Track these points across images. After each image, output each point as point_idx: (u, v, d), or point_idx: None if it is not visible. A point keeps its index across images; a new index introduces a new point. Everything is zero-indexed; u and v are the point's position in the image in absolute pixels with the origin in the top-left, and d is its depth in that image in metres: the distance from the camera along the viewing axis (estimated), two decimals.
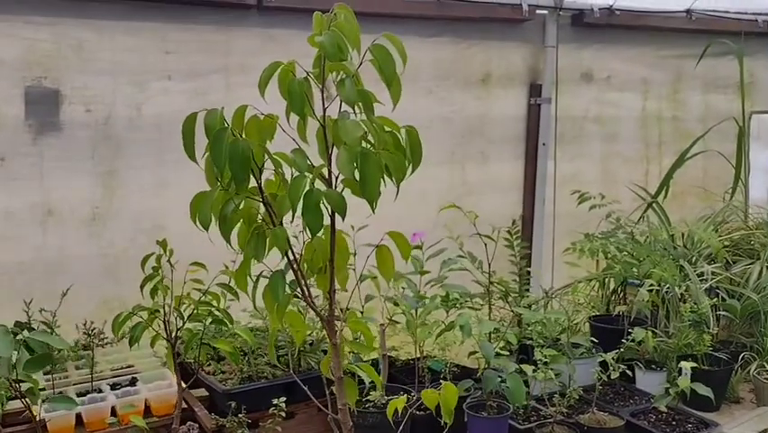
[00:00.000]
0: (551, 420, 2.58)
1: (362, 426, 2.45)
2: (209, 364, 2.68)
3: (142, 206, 3.11)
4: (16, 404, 2.49)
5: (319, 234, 1.53)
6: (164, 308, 2.17)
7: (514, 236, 3.62)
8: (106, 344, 2.92)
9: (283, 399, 2.32)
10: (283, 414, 2.30)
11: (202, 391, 2.72)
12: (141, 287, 2.20)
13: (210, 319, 2.18)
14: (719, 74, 4.57)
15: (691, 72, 4.40)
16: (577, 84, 4.13)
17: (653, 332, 3.02)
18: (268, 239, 1.49)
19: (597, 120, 4.26)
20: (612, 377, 2.63)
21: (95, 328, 2.83)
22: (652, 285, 3.06)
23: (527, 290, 3.64)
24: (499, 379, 2.57)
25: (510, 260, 3.71)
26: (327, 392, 1.67)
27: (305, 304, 2.71)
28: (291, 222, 1.45)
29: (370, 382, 2.64)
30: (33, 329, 2.09)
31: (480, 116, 3.88)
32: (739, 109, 4.22)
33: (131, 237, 3.11)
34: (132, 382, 2.64)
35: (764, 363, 3.13)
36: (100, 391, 2.55)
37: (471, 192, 3.91)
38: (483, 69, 3.84)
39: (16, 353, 1.70)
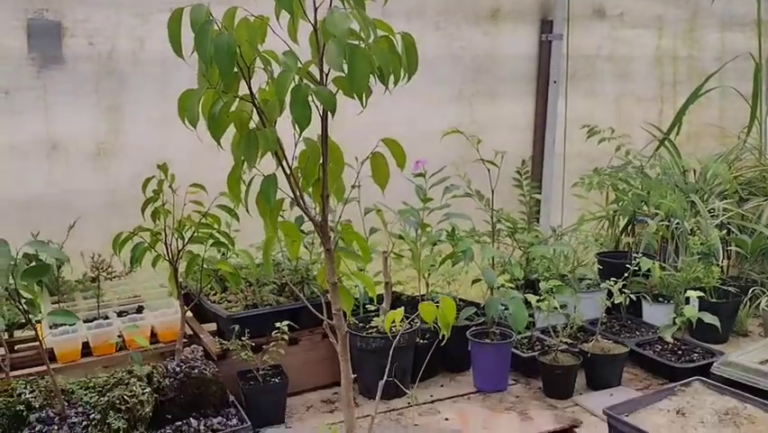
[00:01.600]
0: (554, 349, 2.58)
1: (366, 350, 2.47)
2: (215, 294, 2.70)
3: (147, 141, 3.10)
4: (24, 334, 2.56)
5: (314, 140, 1.52)
6: (165, 230, 2.18)
7: (523, 176, 3.58)
8: (114, 277, 2.95)
9: (286, 322, 2.33)
10: (286, 337, 2.31)
11: (212, 327, 2.75)
12: (143, 210, 2.20)
13: (211, 242, 2.18)
14: (737, 11, 4.43)
15: (708, 9, 4.27)
16: (589, 20, 4.02)
17: (661, 266, 2.99)
18: (260, 145, 1.47)
19: (610, 58, 4.15)
20: (616, 302, 2.60)
21: (102, 261, 2.86)
22: (661, 218, 3.02)
23: (536, 228, 3.62)
24: (503, 307, 2.57)
25: (519, 200, 3.69)
26: (323, 300, 1.67)
27: (310, 240, 2.74)
28: (280, 116, 1.42)
29: (372, 308, 2.67)
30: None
31: (490, 53, 3.80)
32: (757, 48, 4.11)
33: (137, 173, 3.09)
34: (139, 310, 2.67)
35: None
36: (107, 318, 2.58)
37: (481, 131, 3.82)
38: (493, 2, 3.74)
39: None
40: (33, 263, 1.68)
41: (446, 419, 2.36)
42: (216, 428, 2.05)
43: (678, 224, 3.18)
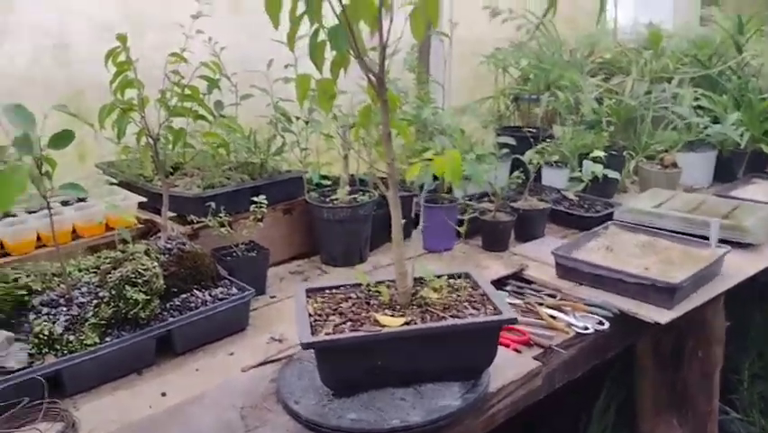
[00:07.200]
0: (491, 210, 2.86)
1: (332, 221, 2.57)
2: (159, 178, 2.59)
3: (43, 20, 2.80)
4: None
5: None
6: (140, 103, 2.06)
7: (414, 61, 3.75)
8: None
9: (263, 196, 2.34)
10: (264, 210, 2.33)
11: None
12: (111, 82, 2.06)
13: (192, 116, 2.11)
14: None
15: None
16: None
17: (551, 136, 3.39)
18: None
19: None
20: (533, 168, 2.93)
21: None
22: (559, 88, 3.38)
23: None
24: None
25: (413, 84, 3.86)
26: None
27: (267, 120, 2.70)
28: None
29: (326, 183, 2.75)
30: None
31: None
32: None
33: (33, 57, 2.82)
34: (82, 200, 2.50)
35: (642, 159, 3.65)
36: (50, 207, 2.38)
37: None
38: None
39: None
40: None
41: None
42: (222, 297, 2.07)
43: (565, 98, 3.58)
